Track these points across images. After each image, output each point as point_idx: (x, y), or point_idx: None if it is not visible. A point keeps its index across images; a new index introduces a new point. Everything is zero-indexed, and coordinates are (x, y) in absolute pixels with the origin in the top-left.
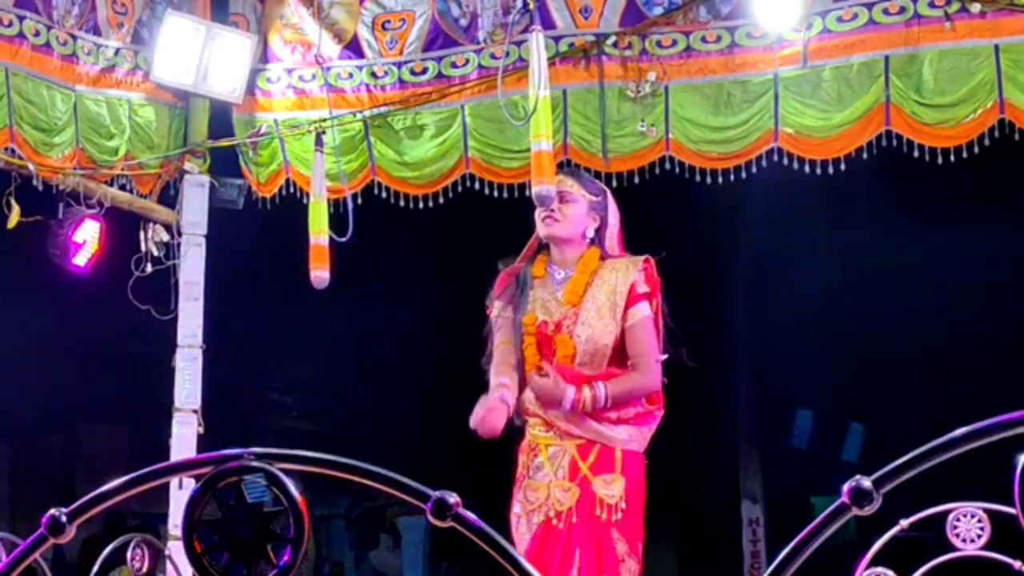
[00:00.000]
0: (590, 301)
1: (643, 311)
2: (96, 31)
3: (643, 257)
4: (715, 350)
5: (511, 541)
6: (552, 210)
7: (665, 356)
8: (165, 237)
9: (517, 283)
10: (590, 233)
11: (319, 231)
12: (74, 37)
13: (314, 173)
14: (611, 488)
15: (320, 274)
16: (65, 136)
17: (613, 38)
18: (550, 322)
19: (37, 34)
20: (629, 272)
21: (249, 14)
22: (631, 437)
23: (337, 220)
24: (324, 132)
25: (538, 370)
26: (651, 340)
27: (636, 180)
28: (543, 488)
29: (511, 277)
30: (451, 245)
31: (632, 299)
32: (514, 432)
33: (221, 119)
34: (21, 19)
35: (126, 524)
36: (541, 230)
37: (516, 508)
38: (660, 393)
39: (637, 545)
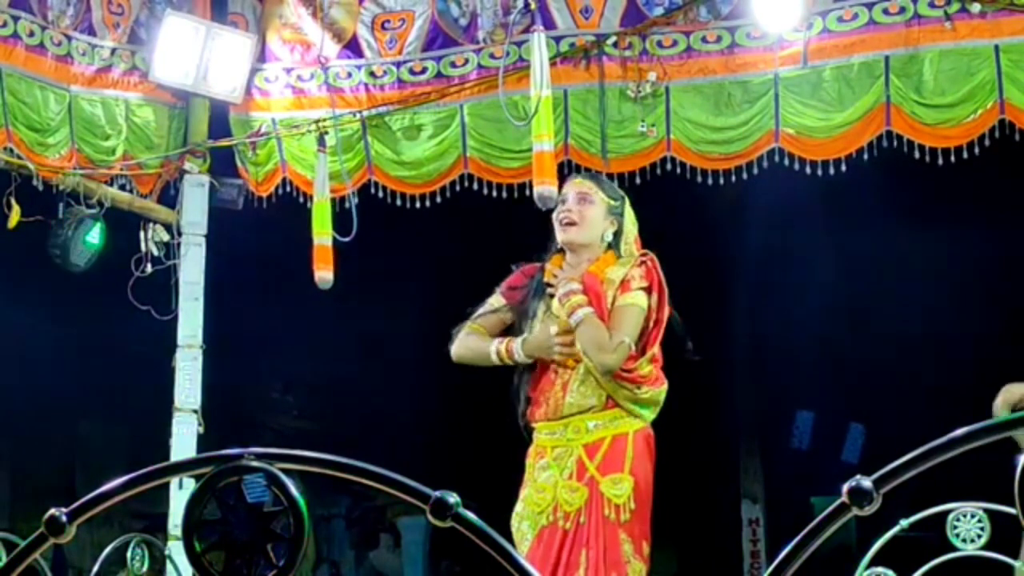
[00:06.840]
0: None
1: (630, 299)
2: (91, 31)
3: (642, 252)
4: (715, 350)
5: (512, 541)
6: (570, 211)
7: (633, 343)
8: (165, 237)
9: (528, 289)
10: (608, 237)
11: (322, 232)
12: (69, 38)
13: (317, 174)
14: (619, 488)
15: (324, 275)
16: (59, 136)
17: (613, 38)
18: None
19: (31, 34)
20: (627, 267)
21: (248, 13)
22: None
23: (337, 220)
24: (327, 132)
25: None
26: (626, 323)
27: (636, 180)
28: (549, 490)
29: (526, 279)
30: (451, 244)
31: (623, 289)
32: (516, 435)
33: (221, 119)
34: (15, 19)
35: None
36: (560, 235)
37: (518, 507)
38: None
39: (642, 545)
